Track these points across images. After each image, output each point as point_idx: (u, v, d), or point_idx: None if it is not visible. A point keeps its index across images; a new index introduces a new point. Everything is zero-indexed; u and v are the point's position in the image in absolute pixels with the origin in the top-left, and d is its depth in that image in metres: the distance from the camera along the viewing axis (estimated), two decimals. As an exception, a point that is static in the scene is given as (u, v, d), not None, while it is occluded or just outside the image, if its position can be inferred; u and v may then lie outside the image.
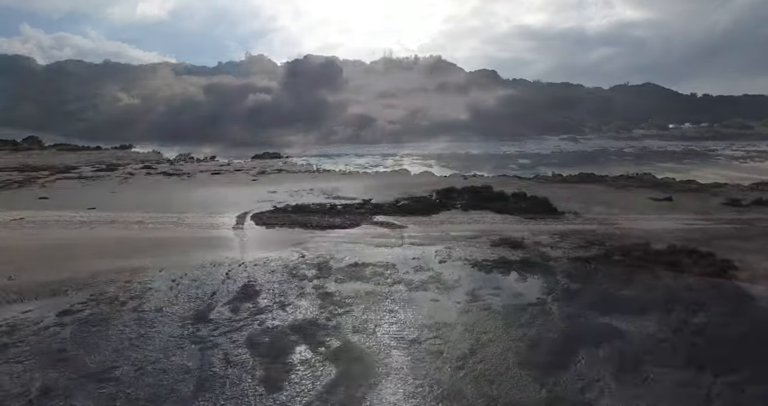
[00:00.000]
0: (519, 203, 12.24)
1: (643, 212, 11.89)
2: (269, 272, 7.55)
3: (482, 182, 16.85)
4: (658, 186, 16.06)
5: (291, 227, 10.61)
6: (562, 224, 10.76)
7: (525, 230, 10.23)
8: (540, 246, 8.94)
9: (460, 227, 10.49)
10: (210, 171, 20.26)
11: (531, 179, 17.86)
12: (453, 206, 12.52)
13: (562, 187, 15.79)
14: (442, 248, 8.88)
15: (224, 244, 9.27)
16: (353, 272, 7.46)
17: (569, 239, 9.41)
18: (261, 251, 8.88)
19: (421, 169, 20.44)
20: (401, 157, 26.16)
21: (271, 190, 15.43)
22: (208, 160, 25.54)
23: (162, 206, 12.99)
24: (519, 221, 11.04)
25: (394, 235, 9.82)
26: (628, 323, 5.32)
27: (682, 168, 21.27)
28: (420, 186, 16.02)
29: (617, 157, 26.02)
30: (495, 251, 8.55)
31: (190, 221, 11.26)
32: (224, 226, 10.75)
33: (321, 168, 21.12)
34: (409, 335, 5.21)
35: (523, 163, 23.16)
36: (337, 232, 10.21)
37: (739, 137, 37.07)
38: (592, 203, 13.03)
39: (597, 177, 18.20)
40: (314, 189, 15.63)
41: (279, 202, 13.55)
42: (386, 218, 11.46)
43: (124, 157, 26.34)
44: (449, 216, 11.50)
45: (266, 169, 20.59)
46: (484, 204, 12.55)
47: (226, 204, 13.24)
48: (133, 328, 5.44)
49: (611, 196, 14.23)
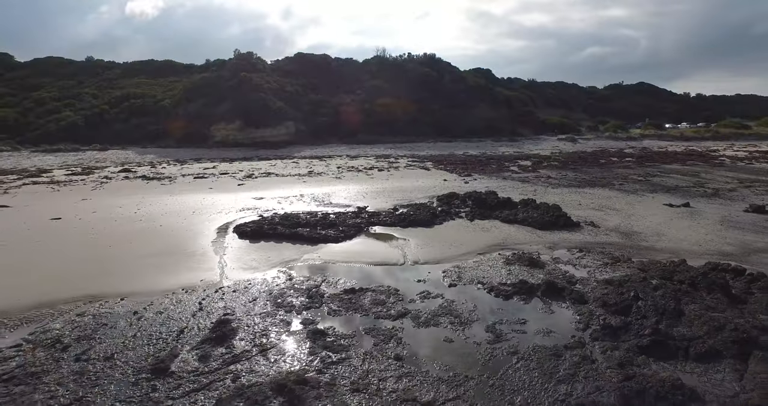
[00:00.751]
0: (529, 211, 11.21)
1: (664, 220, 10.92)
2: (250, 300, 6.40)
3: (484, 186, 15.83)
4: (671, 191, 15.17)
5: (278, 240, 9.46)
6: (580, 235, 9.74)
7: (540, 244, 9.20)
8: (561, 264, 7.90)
9: (467, 240, 9.42)
10: (194, 175, 18.97)
11: (535, 183, 16.87)
12: (457, 215, 11.45)
13: (569, 192, 14.82)
14: (450, 267, 7.80)
15: (201, 263, 8.09)
16: (349, 300, 6.35)
17: (592, 255, 8.40)
18: (242, 271, 7.73)
19: (418, 172, 19.36)
20: (396, 158, 25.05)
21: (258, 197, 14.24)
22: (192, 162, 24.24)
23: (135, 215, 11.74)
24: (531, 232, 10.00)
25: (395, 251, 8.72)
26: (701, 378, 4.27)
27: (689, 170, 20.46)
28: (419, 191, 14.94)
29: (619, 159, 25.17)
30: (511, 270, 7.49)
31: (165, 233, 10.04)
32: (203, 239, 9.56)
33: (312, 171, 19.93)
34: (424, 395, 4.11)
35: (523, 165, 22.22)
36: (330, 247, 9.08)
37: (738, 137, 36.64)
38: (606, 210, 12.06)
39: (604, 180, 17.27)
40: (304, 195, 14.47)
41: (266, 210, 12.38)
42: (385, 229, 10.35)
43: (103, 159, 24.88)
44: (455, 227, 10.43)
45: (254, 173, 19.34)
46: (491, 213, 11.50)
47: (207, 213, 12.03)
48: (70, 388, 4.27)
49: (624, 201, 13.27)
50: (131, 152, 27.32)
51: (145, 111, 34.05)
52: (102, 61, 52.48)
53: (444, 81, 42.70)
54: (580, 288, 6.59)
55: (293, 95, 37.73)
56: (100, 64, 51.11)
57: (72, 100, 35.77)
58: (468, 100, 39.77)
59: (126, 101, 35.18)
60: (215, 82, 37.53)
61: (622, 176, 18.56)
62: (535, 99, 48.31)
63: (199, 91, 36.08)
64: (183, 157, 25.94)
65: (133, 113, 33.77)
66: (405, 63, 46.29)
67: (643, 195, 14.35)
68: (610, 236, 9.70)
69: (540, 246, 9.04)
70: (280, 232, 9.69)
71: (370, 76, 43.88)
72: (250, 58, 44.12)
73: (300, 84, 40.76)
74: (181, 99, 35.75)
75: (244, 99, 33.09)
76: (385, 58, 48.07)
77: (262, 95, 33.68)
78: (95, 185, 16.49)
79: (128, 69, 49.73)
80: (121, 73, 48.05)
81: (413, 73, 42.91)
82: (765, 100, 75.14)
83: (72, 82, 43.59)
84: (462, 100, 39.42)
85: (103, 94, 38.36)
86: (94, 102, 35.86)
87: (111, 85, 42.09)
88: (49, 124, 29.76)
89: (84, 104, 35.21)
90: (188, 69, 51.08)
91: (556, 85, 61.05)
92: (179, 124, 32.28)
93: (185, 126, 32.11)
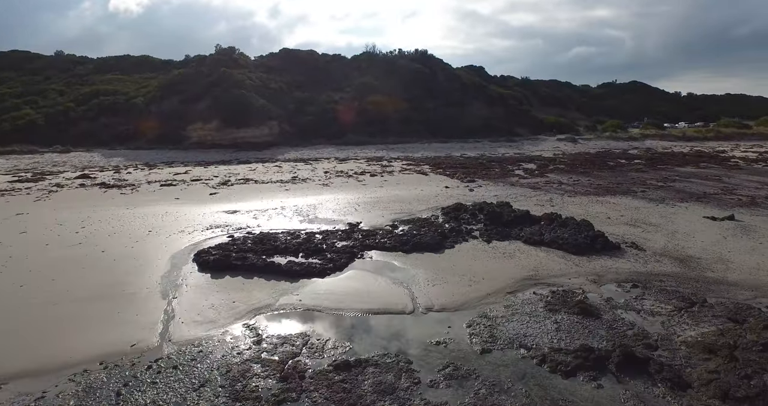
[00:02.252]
0: (556, 229, 9.33)
1: (716, 239, 9.15)
2: (195, 386, 4.35)
3: (493, 195, 13.95)
4: (701, 199, 13.48)
5: (248, 274, 7.39)
6: (626, 262, 7.88)
7: (580, 275, 7.31)
8: (619, 309, 6.01)
9: (490, 271, 7.48)
10: (161, 182, 16.68)
11: (548, 190, 15.05)
12: (470, 234, 9.50)
13: (590, 202, 13.02)
14: (476, 316, 5.85)
15: (141, 312, 6.00)
16: (342, 384, 4.34)
17: (652, 293, 6.53)
18: (195, 327, 5.67)
19: (415, 178, 17.40)
20: (390, 161, 23.07)
21: (232, 210, 12.11)
22: (162, 166, 21.91)
23: (75, 237, 9.53)
24: (565, 258, 8.11)
25: (400, 291, 6.73)
26: None
27: (707, 173, 18.91)
28: (420, 201, 12.97)
29: (627, 161, 23.58)
30: (560, 323, 5.56)
31: (105, 263, 7.89)
32: (152, 272, 7.45)
33: (297, 176, 17.81)
34: None
35: (528, 168, 20.45)
36: (314, 283, 7.05)
37: (741, 137, 35.58)
38: (642, 226, 10.25)
39: (623, 187, 15.55)
40: (286, 207, 12.37)
41: (239, 228, 10.28)
42: (383, 255, 8.36)
43: (63, 162, 22.33)
44: (470, 252, 8.48)
45: (230, 179, 17.13)
46: (510, 230, 9.59)
47: (166, 232, 9.88)
48: None
49: (657, 214, 11.51)
50: (97, 155, 24.75)
51: (115, 109, 31.37)
52: (73, 56, 49.13)
53: (437, 78, 40.82)
54: (667, 358, 4.69)
55: (277, 92, 35.41)
56: (71, 59, 47.79)
57: (35, 97, 32.86)
58: (462, 99, 37.97)
59: (95, 98, 32.40)
60: (193, 79, 34.99)
61: (640, 181, 16.86)
62: (530, 97, 46.80)
63: (175, 88, 33.52)
64: (154, 161, 23.52)
65: (102, 112, 31.07)
66: (396, 59, 44.24)
67: (674, 205, 12.61)
68: (662, 262, 7.86)
69: (582, 279, 7.15)
70: (252, 263, 7.61)
71: (359, 73, 41.73)
72: (232, 53, 41.59)
73: (285, 81, 38.43)
74: (155, 96, 33.15)
75: (223, 96, 30.69)
76: (375, 54, 45.97)
77: (243, 92, 31.32)
78: (41, 195, 14.13)
79: (101, 64, 46.64)
80: (93, 69, 44.99)
81: (405, 69, 40.91)
82: (755, 99, 75.19)
83: (38, 77, 40.48)
84: (456, 98, 37.61)
85: (72, 91, 35.46)
86: (60, 99, 32.98)
87: (81, 82, 39.14)
88: (3, 124, 26.91)
89: (48, 102, 32.33)
90: (166, 65, 48.20)
91: (550, 84, 59.63)
92: (152, 123, 29.75)
93: (159, 126, 29.61)
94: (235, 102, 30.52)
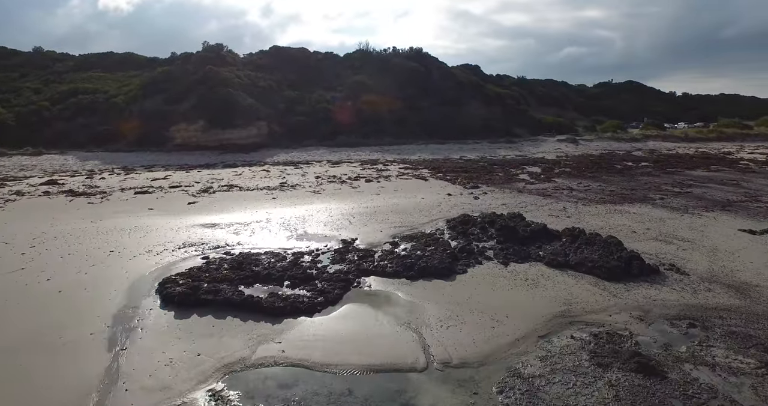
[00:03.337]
0: (581, 247, 8.10)
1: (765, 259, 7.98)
2: None
3: (500, 204, 12.72)
4: (727, 207, 12.38)
5: (221, 312, 6.05)
6: (671, 292, 6.67)
7: (622, 310, 6.07)
8: (688, 364, 4.77)
9: (513, 305, 6.22)
10: (136, 189, 15.19)
11: (559, 197, 13.87)
12: (483, 254, 8.24)
13: (608, 212, 11.84)
14: (508, 376, 4.58)
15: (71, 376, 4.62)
16: None
17: (721, 339, 5.31)
18: (142, 398, 4.31)
19: (414, 183, 16.12)
20: (385, 164, 21.79)
21: (210, 223, 10.72)
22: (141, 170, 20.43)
23: (19, 260, 8.10)
24: (598, 285, 6.88)
25: (407, 336, 5.44)
26: None
27: (723, 177, 17.95)
28: (421, 212, 11.69)
29: (634, 163, 22.57)
30: (617, 389, 4.30)
31: (46, 297, 6.51)
32: (102, 309, 6.09)
33: (285, 182, 16.43)
34: None
35: (533, 172, 19.30)
36: (300, 326, 5.74)
37: (744, 138, 34.83)
38: (674, 242, 9.08)
39: (638, 193, 14.41)
40: (272, 220, 11.01)
41: (216, 246, 8.92)
42: (384, 283, 7.07)
43: (32, 166, 20.63)
44: (486, 278, 7.21)
45: (213, 186, 15.69)
46: (527, 249, 8.36)
47: (130, 253, 8.49)
48: None
49: (685, 226, 10.36)
50: (71, 158, 23.06)
51: (94, 109, 29.59)
52: (53, 53, 46.94)
53: (433, 77, 39.53)
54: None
55: (267, 91, 33.88)
56: (51, 56, 45.61)
57: (7, 95, 30.96)
58: (459, 98, 36.74)
59: (72, 97, 30.57)
60: (178, 77, 33.31)
61: (654, 186, 15.76)
62: (527, 97, 45.77)
63: (159, 86, 31.81)
64: (133, 164, 21.92)
65: (80, 111, 29.27)
66: (390, 57, 42.89)
67: (700, 215, 11.48)
68: (715, 292, 6.66)
69: (625, 316, 5.92)
70: (226, 297, 6.26)
71: (352, 72, 40.30)
72: (220, 50, 39.90)
73: (275, 79, 36.88)
74: (137, 95, 31.41)
75: (209, 95, 29.09)
76: (368, 52, 44.53)
77: (230, 91, 29.73)
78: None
79: (83, 62, 44.58)
80: (74, 67, 42.95)
81: (399, 68, 39.58)
82: (748, 99, 75.09)
83: (14, 74, 38.45)
84: (453, 97, 36.39)
85: (48, 89, 33.54)
86: (35, 98, 31.09)
87: (60, 79, 37.20)
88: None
89: (21, 100, 30.44)
90: (151, 63, 46.27)
91: (546, 83, 58.65)
92: (133, 124, 28.06)
93: (140, 126, 27.92)
94: (221, 101, 28.95)
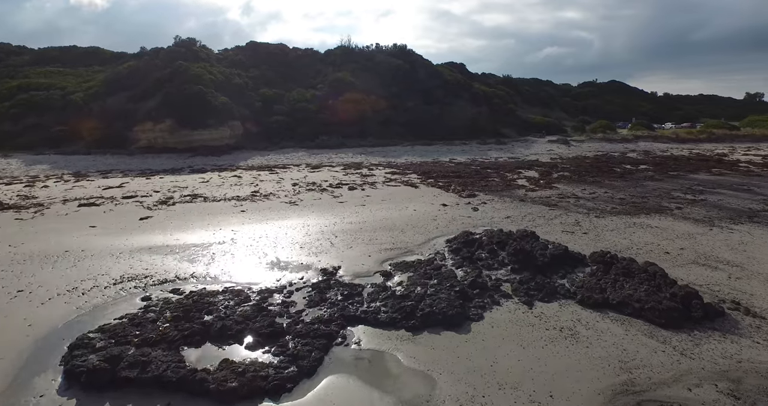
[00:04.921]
0: (619, 279, 6.57)
1: (836, 292, 6.60)
2: None
3: (504, 216, 11.16)
4: (753, 218, 11.16)
5: (146, 398, 4.23)
6: (754, 345, 5.19)
7: (703, 379, 4.53)
8: None
9: (553, 373, 4.61)
10: (82, 199, 13.05)
11: (566, 207, 12.42)
12: (498, 290, 6.63)
13: (627, 226, 10.42)
14: None
15: None
16: None
17: None
18: None
19: (403, 191, 14.44)
20: (370, 168, 20.08)
21: (162, 245, 8.81)
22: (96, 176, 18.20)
23: None
24: (655, 337, 5.35)
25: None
26: None
27: (731, 182, 17.08)
28: (415, 228, 10.02)
29: (632, 166, 21.53)
30: None
31: None
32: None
33: (258, 191, 14.52)
34: None
35: (530, 176, 17.94)
36: (261, 422, 3.97)
37: (733, 139, 34.48)
38: (717, 266, 7.67)
39: (651, 202, 13.11)
40: (237, 240, 9.15)
41: (162, 281, 7.07)
42: (376, 337, 5.37)
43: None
44: (509, 329, 5.58)
45: (174, 196, 13.66)
46: (549, 280, 6.81)
47: (44, 295, 6.57)
48: None
49: (721, 242, 9.00)
50: (15, 162, 20.49)
51: (48, 107, 26.88)
52: (8, 46, 43.22)
53: (418, 75, 37.97)
54: None
55: (242, 89, 31.69)
56: (5, 48, 42.10)
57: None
58: (445, 97, 35.29)
59: (23, 93, 27.76)
60: (145, 73, 30.80)
61: (664, 193, 14.52)
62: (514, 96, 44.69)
63: (122, 83, 29.28)
64: (87, 169, 19.57)
65: (31, 109, 26.54)
66: (373, 54, 41.13)
67: (730, 229, 10.16)
68: (802, 344, 5.18)
69: (710, 390, 4.38)
70: (156, 374, 4.43)
71: (333, 69, 38.38)
72: (192, 45, 37.40)
73: (251, 76, 34.69)
74: (98, 92, 28.79)
75: (178, 93, 26.77)
76: (350, 48, 42.64)
77: (201, 88, 27.46)
78: None
79: (41, 56, 41.26)
80: (30, 60, 39.68)
81: (383, 65, 37.88)
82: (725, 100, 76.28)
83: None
84: (439, 96, 34.91)
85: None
86: (-22, 95, 28.14)
87: (13, 74, 34.07)
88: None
89: (-37, 98, 27.48)
90: (118, 58, 43.24)
91: (531, 82, 57.91)
92: (93, 123, 25.53)
93: (101, 126, 25.43)
94: (191, 99, 26.69)
